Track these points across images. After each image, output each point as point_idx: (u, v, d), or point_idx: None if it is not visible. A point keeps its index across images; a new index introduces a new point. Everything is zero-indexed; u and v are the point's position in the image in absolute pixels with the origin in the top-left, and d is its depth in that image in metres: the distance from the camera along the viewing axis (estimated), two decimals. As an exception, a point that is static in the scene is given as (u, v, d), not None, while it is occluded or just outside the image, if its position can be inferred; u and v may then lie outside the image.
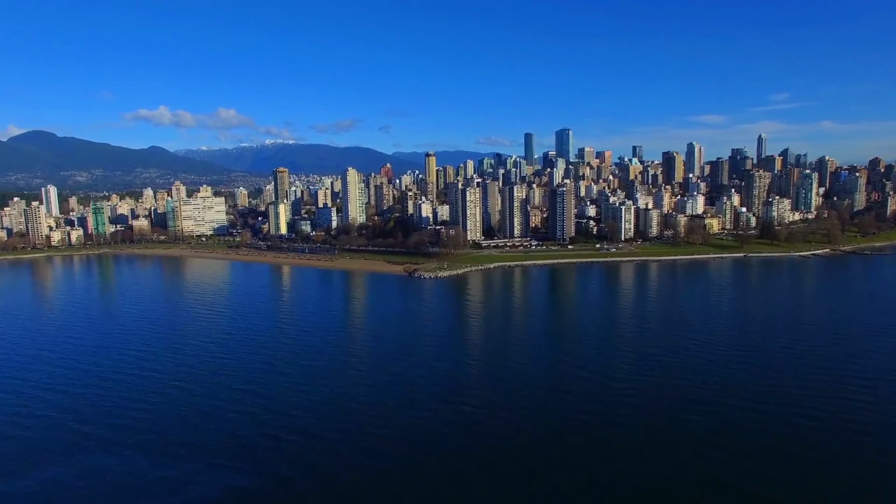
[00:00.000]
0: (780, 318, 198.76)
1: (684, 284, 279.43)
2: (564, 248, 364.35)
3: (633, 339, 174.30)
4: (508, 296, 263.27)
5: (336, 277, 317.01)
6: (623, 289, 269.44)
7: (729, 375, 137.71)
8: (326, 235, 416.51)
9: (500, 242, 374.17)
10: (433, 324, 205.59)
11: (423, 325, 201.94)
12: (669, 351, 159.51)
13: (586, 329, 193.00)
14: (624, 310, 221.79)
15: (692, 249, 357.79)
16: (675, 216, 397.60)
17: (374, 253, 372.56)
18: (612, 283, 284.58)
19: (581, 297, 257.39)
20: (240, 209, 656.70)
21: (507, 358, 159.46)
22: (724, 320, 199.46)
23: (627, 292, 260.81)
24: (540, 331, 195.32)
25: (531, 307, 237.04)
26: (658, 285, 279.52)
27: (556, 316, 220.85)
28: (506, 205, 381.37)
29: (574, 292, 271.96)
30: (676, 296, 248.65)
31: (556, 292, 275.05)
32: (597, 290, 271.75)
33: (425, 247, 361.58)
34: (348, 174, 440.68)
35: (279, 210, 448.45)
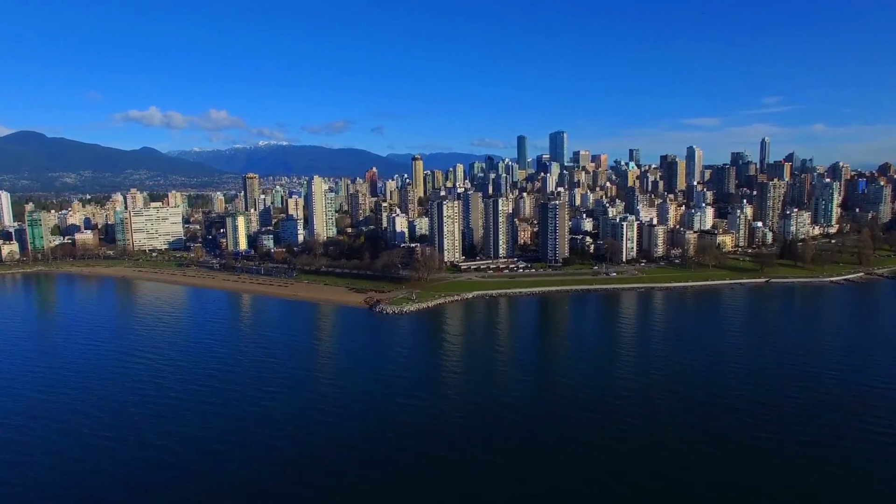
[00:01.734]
0: (839, 379, 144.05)
1: (700, 323, 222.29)
2: (557, 271, 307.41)
3: (641, 424, 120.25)
4: (487, 341, 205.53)
5: (282, 310, 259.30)
6: (625, 332, 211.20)
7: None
8: (288, 254, 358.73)
9: (483, 264, 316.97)
10: (379, 387, 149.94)
11: (357, 392, 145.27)
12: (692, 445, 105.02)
13: (585, 402, 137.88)
14: (625, 367, 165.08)
15: (705, 273, 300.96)
16: (682, 232, 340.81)
17: (337, 276, 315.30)
18: (612, 323, 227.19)
19: (574, 345, 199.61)
20: (212, 217, 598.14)
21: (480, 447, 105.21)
22: (762, 387, 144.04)
23: (630, 337, 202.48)
24: (524, 400, 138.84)
25: (514, 359, 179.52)
26: (668, 325, 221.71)
27: (542, 378, 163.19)
28: (490, 220, 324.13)
29: (565, 335, 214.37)
30: (692, 341, 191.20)
31: (543, 336, 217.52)
32: (594, 334, 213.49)
33: (395, 270, 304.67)
34: (313, 183, 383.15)
35: (238, 223, 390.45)
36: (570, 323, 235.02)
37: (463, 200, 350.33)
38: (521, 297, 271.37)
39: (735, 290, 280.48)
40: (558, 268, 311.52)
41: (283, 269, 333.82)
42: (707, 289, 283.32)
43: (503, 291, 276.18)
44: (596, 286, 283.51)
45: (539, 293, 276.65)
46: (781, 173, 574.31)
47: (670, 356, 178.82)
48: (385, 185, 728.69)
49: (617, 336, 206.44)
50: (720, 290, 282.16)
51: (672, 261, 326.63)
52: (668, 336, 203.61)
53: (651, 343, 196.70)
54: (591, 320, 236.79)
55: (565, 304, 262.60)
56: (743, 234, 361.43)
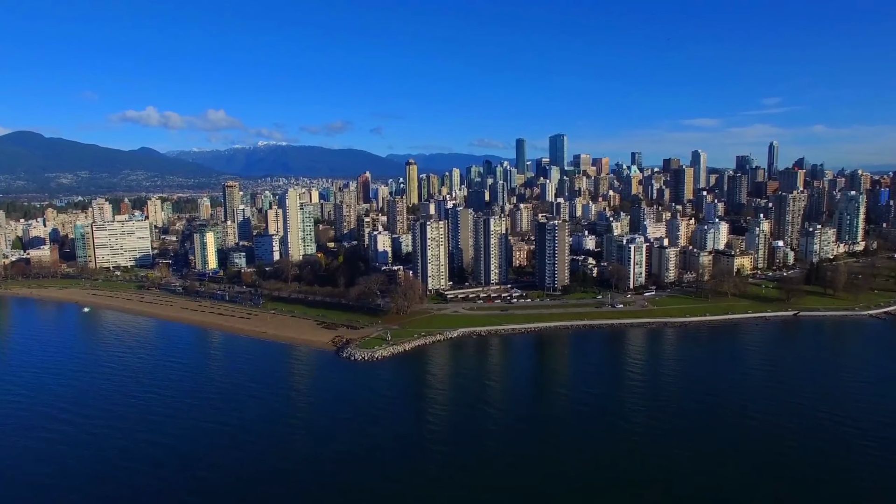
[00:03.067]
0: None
1: (725, 374, 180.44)
2: (556, 301, 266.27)
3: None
4: (470, 402, 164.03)
5: (232, 352, 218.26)
6: (636, 388, 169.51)
7: None
8: (257, 276, 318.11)
9: (473, 293, 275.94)
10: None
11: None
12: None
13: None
14: (641, 445, 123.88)
15: (724, 304, 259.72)
16: (696, 254, 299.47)
17: (308, 305, 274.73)
18: (618, 375, 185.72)
19: (577, 409, 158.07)
20: (195, 224, 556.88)
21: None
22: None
23: (641, 396, 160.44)
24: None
25: (505, 429, 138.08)
26: (686, 378, 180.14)
27: (542, 470, 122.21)
28: (481, 242, 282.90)
29: (566, 394, 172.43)
30: (719, 409, 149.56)
31: (541, 394, 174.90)
32: (599, 391, 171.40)
33: (373, 298, 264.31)
34: (287, 196, 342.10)
35: (206, 239, 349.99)
36: (572, 375, 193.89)
37: (451, 217, 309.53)
38: (514, 337, 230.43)
39: (760, 327, 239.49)
40: (558, 297, 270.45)
41: (250, 295, 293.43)
42: (727, 324, 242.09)
43: (494, 329, 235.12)
44: (600, 321, 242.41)
45: (535, 330, 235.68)
46: (794, 181, 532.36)
47: (695, 432, 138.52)
48: (378, 190, 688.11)
49: (626, 394, 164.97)
50: (742, 325, 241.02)
51: (685, 287, 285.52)
52: (688, 397, 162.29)
53: (670, 408, 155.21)
54: (595, 370, 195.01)
55: (566, 347, 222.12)
56: (763, 254, 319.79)
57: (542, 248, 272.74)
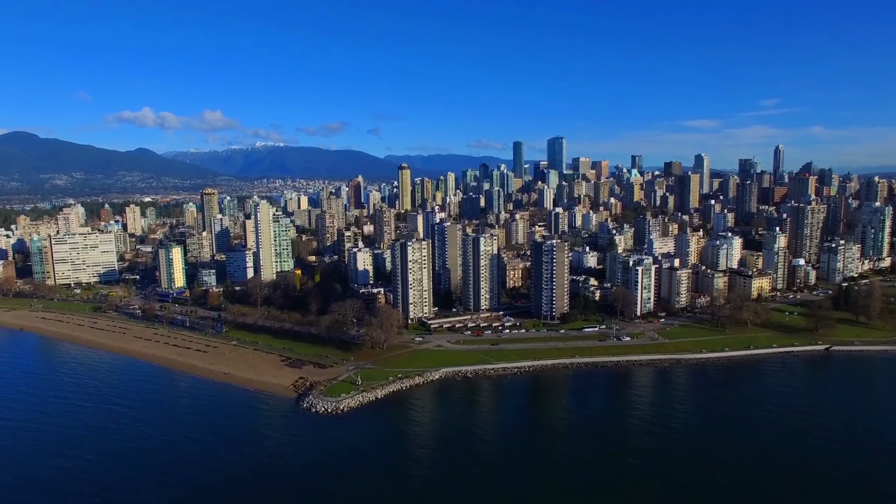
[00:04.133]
0: None
1: (752, 431, 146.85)
2: (554, 332, 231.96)
3: None
4: (450, 479, 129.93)
5: (178, 396, 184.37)
6: (644, 447, 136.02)
7: None
8: (224, 298, 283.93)
9: (460, 321, 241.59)
10: None
11: None
12: None
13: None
14: None
15: (745, 336, 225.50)
16: (710, 276, 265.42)
17: (275, 335, 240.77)
18: (624, 424, 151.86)
19: (573, 487, 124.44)
20: (177, 232, 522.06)
21: None
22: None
23: (652, 461, 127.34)
24: None
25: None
26: (703, 432, 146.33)
27: None
28: (469, 264, 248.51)
29: (563, 455, 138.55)
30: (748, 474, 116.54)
31: (530, 464, 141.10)
32: (603, 456, 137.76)
33: (348, 327, 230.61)
34: (259, 209, 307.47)
35: (172, 255, 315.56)
36: (572, 433, 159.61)
37: (438, 234, 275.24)
38: (505, 379, 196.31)
39: (787, 365, 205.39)
40: (555, 327, 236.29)
41: (213, 321, 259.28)
42: (750, 362, 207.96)
43: (482, 368, 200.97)
44: (604, 358, 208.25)
45: (530, 370, 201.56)
46: (805, 188, 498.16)
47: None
48: (369, 198, 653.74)
49: (638, 474, 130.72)
50: (767, 363, 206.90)
51: (698, 314, 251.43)
52: (710, 462, 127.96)
53: (688, 481, 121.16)
54: (598, 427, 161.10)
55: (564, 394, 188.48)
56: (782, 274, 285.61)
57: (538, 271, 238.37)
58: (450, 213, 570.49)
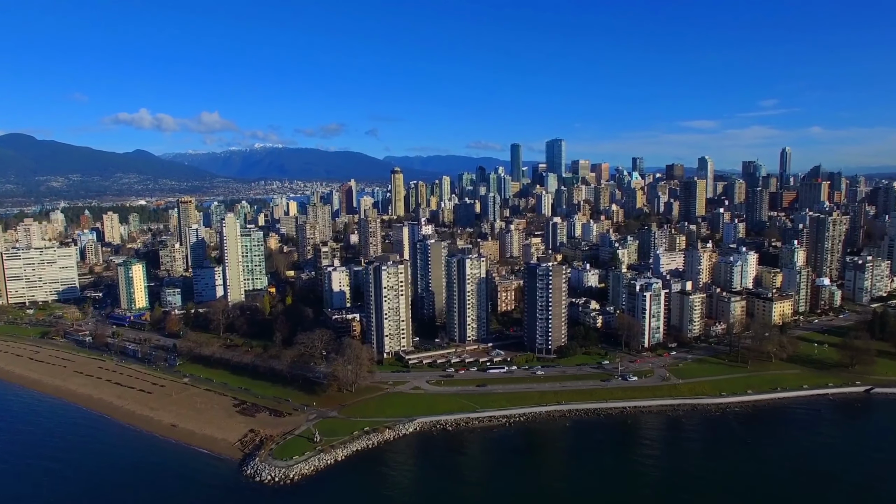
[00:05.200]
0: None
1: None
2: (550, 369, 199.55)
3: None
4: None
5: (101, 454, 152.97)
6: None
7: None
8: (184, 324, 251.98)
9: (442, 356, 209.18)
10: None
11: None
12: None
13: None
14: None
15: (769, 373, 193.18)
16: (725, 300, 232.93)
17: (233, 370, 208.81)
18: (632, 497, 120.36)
19: None
20: (160, 240, 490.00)
21: None
22: None
23: None
24: None
25: None
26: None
27: None
28: (453, 287, 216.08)
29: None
30: None
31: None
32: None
33: (313, 364, 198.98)
34: (226, 223, 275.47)
35: (132, 273, 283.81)
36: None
37: (421, 252, 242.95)
38: (492, 432, 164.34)
39: (822, 411, 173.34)
40: (551, 362, 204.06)
41: (166, 353, 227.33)
42: (777, 407, 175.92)
43: (465, 418, 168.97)
44: (607, 404, 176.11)
45: (521, 420, 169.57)
46: (817, 194, 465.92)
47: None
48: (360, 204, 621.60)
49: None
50: (798, 409, 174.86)
51: (714, 345, 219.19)
52: None
53: None
54: (599, 501, 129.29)
55: (560, 452, 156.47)
56: (805, 295, 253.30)
57: (531, 297, 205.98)
58: (444, 219, 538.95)
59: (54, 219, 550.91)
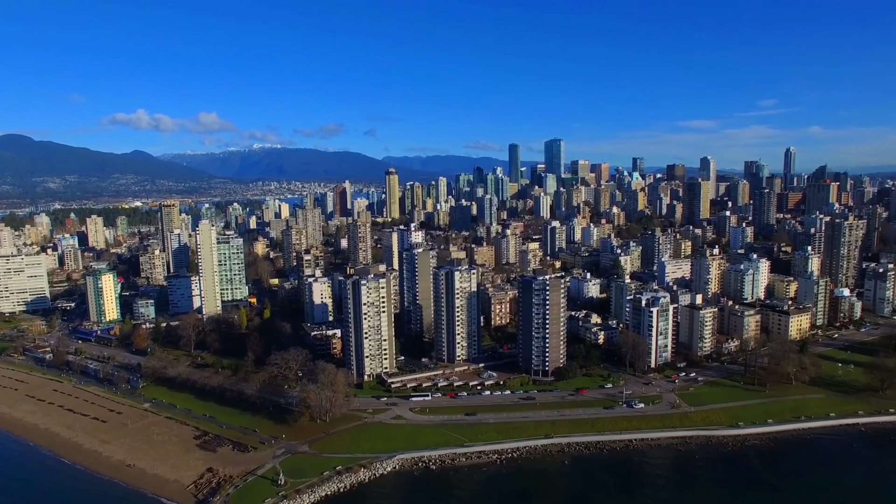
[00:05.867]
0: None
1: None
2: (546, 393, 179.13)
3: None
4: None
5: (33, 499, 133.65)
6: None
7: None
8: (152, 340, 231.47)
9: (429, 378, 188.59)
10: None
11: None
12: None
13: None
14: None
15: (790, 398, 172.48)
16: (739, 314, 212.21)
17: (198, 394, 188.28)
18: None
19: None
20: (144, 245, 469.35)
21: None
22: None
23: None
24: None
25: None
26: None
27: None
28: (441, 302, 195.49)
29: None
30: None
31: None
32: None
33: (287, 387, 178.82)
34: (200, 230, 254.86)
35: (102, 284, 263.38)
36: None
37: (408, 262, 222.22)
38: (480, 472, 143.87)
39: (852, 444, 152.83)
40: (549, 385, 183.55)
41: (130, 372, 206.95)
42: (803, 439, 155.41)
43: (451, 454, 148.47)
44: (611, 437, 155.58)
45: (514, 456, 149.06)
46: (825, 196, 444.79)
47: None
48: (353, 207, 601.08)
49: None
50: (826, 442, 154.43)
51: (727, 364, 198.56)
52: None
53: None
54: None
55: (557, 498, 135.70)
56: (822, 307, 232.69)
57: (527, 314, 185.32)
58: (439, 222, 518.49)
59: (39, 222, 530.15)
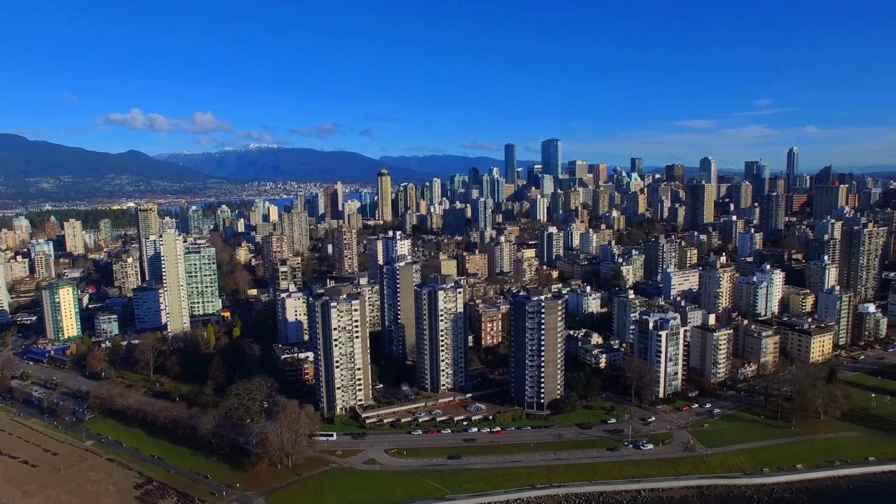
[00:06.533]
0: None
1: None
2: (541, 430, 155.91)
3: None
4: None
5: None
6: None
7: None
8: (108, 361, 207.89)
9: (408, 412, 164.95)
10: None
11: None
12: None
13: None
14: None
15: (819, 437, 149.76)
16: (755, 335, 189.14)
17: (150, 431, 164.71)
18: None
19: None
20: (123, 251, 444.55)
21: None
22: None
23: None
24: None
25: None
26: None
27: None
28: (424, 324, 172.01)
29: None
30: None
31: None
32: None
33: (247, 424, 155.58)
34: (164, 240, 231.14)
35: (59, 298, 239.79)
36: None
37: (388, 277, 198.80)
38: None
39: None
40: (544, 420, 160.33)
41: (73, 405, 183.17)
42: (839, 490, 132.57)
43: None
44: (616, 486, 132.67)
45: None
46: (834, 198, 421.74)
47: None
48: (344, 209, 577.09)
49: None
50: (866, 490, 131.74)
51: (743, 393, 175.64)
52: None
53: None
54: None
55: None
56: (845, 325, 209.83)
57: (520, 340, 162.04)
58: (432, 225, 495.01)
59: (17, 226, 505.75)
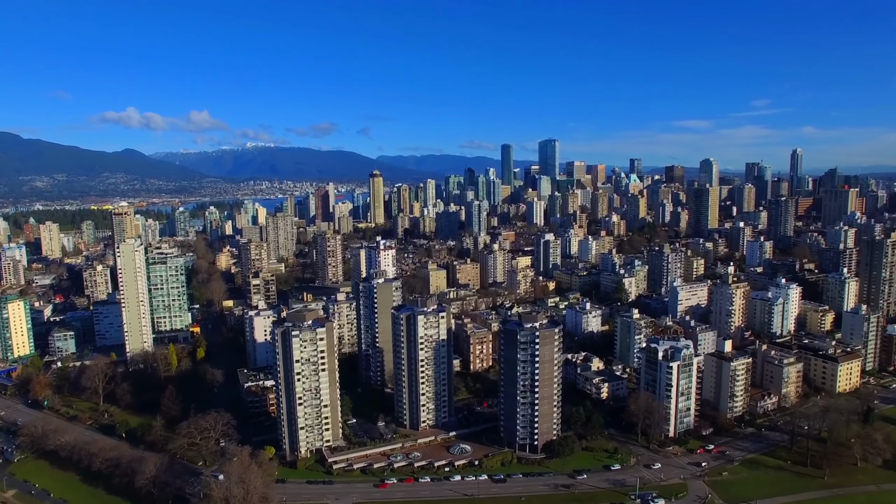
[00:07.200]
0: None
1: None
2: (534, 478, 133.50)
3: None
4: None
5: None
6: None
7: None
8: (52, 390, 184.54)
9: (382, 454, 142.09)
10: None
11: None
12: None
13: None
14: None
15: (860, 491, 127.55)
16: (776, 362, 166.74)
17: (87, 477, 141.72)
18: None
19: None
20: (100, 256, 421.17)
21: None
22: None
23: None
24: None
25: None
26: None
27: None
28: (402, 354, 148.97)
29: None
30: None
31: None
32: None
33: (198, 468, 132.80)
34: (122, 249, 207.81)
35: (7, 313, 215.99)
36: None
37: (366, 296, 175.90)
38: None
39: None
40: (538, 465, 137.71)
41: (1, 444, 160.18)
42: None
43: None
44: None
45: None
46: (844, 203, 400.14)
47: None
48: (335, 211, 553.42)
49: None
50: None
51: (765, 430, 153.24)
52: None
53: None
54: None
55: None
56: (874, 349, 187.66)
57: (510, 374, 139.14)
58: (425, 229, 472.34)
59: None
